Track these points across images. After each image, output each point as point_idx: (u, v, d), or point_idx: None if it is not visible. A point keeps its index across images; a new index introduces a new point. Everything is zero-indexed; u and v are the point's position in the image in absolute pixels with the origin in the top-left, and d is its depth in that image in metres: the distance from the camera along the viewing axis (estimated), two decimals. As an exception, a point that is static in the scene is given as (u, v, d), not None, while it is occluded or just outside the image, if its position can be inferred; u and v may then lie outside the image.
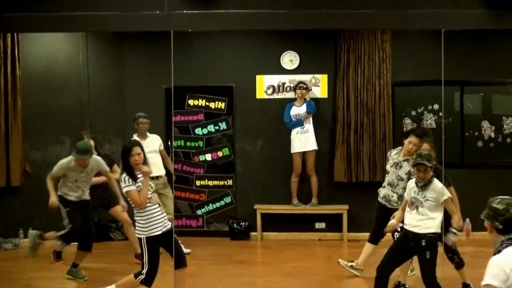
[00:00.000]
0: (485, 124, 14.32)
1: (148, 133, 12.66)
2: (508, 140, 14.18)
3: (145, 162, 8.71)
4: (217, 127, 14.54)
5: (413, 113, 14.39)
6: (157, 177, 12.31)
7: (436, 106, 14.21)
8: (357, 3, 7.95)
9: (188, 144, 14.58)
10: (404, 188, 9.15)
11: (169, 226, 8.91)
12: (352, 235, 13.98)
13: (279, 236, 14.29)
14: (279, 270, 11.88)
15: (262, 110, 14.42)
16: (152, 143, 12.61)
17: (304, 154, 14.04)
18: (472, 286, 9.69)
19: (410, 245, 8.41)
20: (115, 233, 14.01)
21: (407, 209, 8.52)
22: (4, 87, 13.22)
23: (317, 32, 13.63)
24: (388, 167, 10.36)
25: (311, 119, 13.97)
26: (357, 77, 14.15)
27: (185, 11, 7.94)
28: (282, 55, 14.39)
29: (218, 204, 14.59)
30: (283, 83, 14.38)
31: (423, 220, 8.33)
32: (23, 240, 13.24)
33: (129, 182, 8.53)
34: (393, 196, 10.21)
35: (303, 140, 13.99)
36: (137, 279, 8.68)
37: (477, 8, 7.45)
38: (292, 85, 14.29)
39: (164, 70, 11.84)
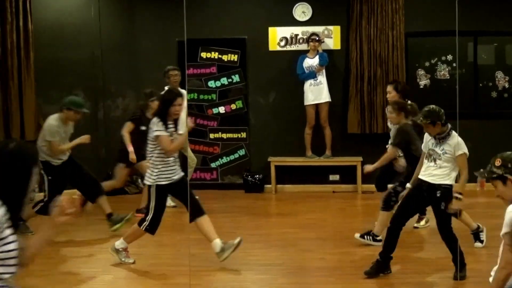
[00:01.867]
0: (499, 74, 14.26)
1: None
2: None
3: None
4: (230, 80, 14.51)
5: (427, 64, 14.36)
6: None
7: (449, 57, 14.17)
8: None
9: (202, 97, 14.56)
10: None
11: (180, 175, 8.93)
12: (366, 186, 13.94)
13: (293, 189, 14.32)
14: (294, 222, 11.92)
15: (275, 62, 14.39)
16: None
17: (317, 106, 14.01)
18: (481, 227, 9.69)
19: (424, 196, 8.37)
20: (130, 187, 14.04)
21: (424, 160, 8.47)
22: (17, 41, 13.17)
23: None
24: None
25: (324, 71, 13.94)
26: (370, 28, 14.10)
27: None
28: (295, 7, 14.32)
29: (232, 157, 14.61)
30: (296, 35, 14.33)
31: (439, 172, 8.28)
32: (36, 195, 13.27)
33: (162, 127, 8.59)
34: None
35: (316, 92, 13.95)
36: (141, 227, 8.78)
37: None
38: (304, 37, 14.24)
39: (176, 22, 11.76)
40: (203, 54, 14.47)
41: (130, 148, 11.47)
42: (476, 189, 13.41)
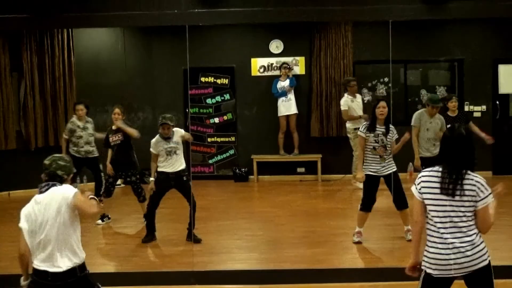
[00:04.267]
0: (423, 92, 14.27)
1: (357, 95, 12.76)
2: (441, 104, 14.18)
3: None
4: (222, 98, 14.49)
5: (369, 84, 14.36)
6: None
7: (386, 79, 14.19)
8: (326, 0, 7.93)
9: (201, 110, 14.55)
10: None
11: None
12: (324, 176, 14.00)
13: (270, 178, 14.31)
14: (271, 203, 11.94)
15: (256, 84, 14.37)
16: (358, 99, 12.82)
17: (288, 116, 14.01)
18: None
19: None
20: (146, 178, 13.98)
21: None
22: (62, 70, 13.23)
23: (296, 24, 13.56)
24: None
25: (293, 90, 13.93)
26: (327, 58, 14.09)
27: (197, 10, 7.90)
28: (270, 42, 14.31)
29: (224, 155, 14.59)
30: (271, 64, 14.33)
31: None
32: (79, 185, 13.27)
33: (364, 129, 8.38)
34: None
35: (287, 106, 13.96)
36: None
37: (417, 2, 7.43)
38: (278, 65, 14.23)
39: (182, 55, 11.79)
40: (202, 79, 14.46)
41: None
42: (406, 178, 13.48)
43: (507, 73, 13.99)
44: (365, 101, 14.39)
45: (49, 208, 5.04)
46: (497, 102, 14.09)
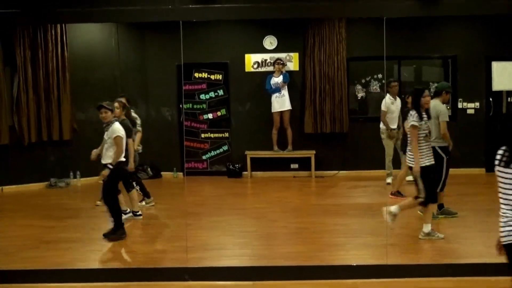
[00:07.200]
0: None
1: (397, 97, 12.47)
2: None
3: None
4: (216, 93, 14.48)
5: (363, 81, 14.38)
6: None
7: (380, 76, 14.21)
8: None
9: (195, 106, 14.54)
10: None
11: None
12: (318, 173, 14.02)
13: (263, 175, 14.32)
14: (264, 199, 11.96)
15: (250, 80, 14.36)
16: (398, 102, 12.45)
17: (281, 113, 14.02)
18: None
19: None
20: (141, 173, 13.96)
21: None
22: (56, 65, 13.22)
23: (290, 20, 13.54)
24: None
25: (286, 86, 13.93)
26: (321, 54, 14.10)
27: (190, 6, 7.88)
28: (264, 38, 14.31)
29: (218, 151, 14.59)
30: (265, 60, 14.32)
31: None
32: (72, 180, 13.27)
33: (416, 119, 8.31)
34: None
35: (281, 102, 13.96)
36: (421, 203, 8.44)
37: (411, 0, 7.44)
38: (271, 61, 14.23)
39: (175, 50, 11.72)
40: (196, 74, 14.45)
41: None
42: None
43: (500, 70, 14.00)
44: (359, 98, 14.44)
45: None
46: (490, 99, 14.11)
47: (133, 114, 10.67)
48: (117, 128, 8.91)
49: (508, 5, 7.62)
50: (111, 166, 8.79)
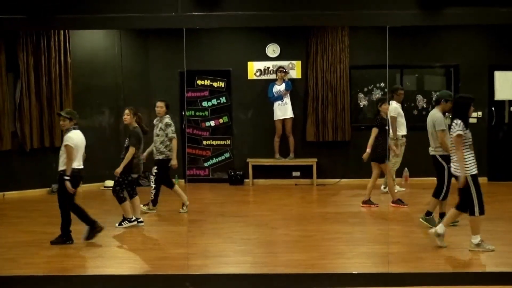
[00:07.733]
0: (419, 97, 14.33)
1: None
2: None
3: None
4: (218, 101, 14.50)
5: (365, 89, 14.39)
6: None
7: (382, 84, 14.21)
8: (323, 5, 7.93)
9: (197, 113, 14.55)
10: None
11: None
12: (319, 181, 14.03)
13: (265, 182, 14.31)
14: (266, 206, 11.94)
15: (252, 88, 14.38)
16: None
17: (283, 120, 14.03)
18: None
19: None
20: (143, 181, 13.96)
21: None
22: (59, 71, 13.23)
23: (293, 28, 13.57)
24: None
25: (288, 94, 13.95)
26: (323, 62, 14.11)
27: (194, 13, 7.89)
28: (267, 46, 14.33)
29: (219, 158, 14.59)
30: (268, 67, 14.34)
31: None
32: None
33: (462, 127, 8.25)
34: None
35: (283, 110, 13.98)
36: (475, 214, 8.21)
37: (414, 8, 7.43)
38: (274, 69, 14.24)
39: (178, 58, 11.80)
40: (199, 82, 14.46)
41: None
42: (401, 182, 13.44)
43: (503, 80, 14.02)
44: (361, 106, 14.44)
45: None
46: (493, 109, 14.11)
47: (167, 121, 10.95)
48: (68, 137, 9.14)
49: (511, 15, 7.62)
50: (67, 177, 8.87)
